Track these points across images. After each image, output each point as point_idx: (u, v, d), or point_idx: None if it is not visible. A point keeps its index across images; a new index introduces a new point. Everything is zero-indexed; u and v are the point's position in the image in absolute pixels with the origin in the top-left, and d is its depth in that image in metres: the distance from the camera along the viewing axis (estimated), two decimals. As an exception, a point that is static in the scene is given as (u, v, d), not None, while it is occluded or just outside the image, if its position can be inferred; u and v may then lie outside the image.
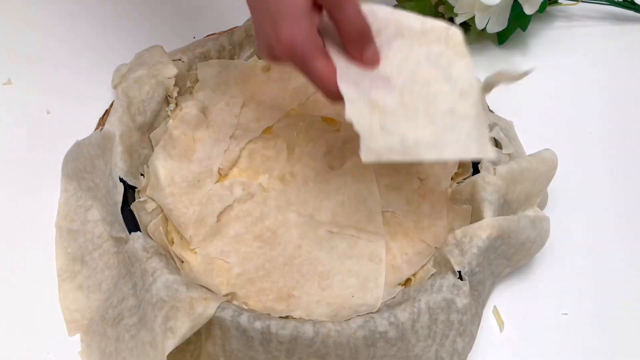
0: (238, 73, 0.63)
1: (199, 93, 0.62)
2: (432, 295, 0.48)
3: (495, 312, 0.53)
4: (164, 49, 0.62)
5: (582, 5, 0.74)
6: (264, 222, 0.55)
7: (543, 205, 0.58)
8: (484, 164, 0.55)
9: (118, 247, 0.53)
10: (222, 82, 0.62)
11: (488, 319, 0.53)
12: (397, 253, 0.54)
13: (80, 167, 0.56)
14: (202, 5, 0.73)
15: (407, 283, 0.53)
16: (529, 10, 0.66)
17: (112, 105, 0.58)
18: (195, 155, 0.58)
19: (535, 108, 0.66)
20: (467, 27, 0.70)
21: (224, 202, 0.55)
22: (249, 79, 0.63)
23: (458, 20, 0.67)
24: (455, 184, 0.56)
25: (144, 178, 0.56)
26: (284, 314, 0.50)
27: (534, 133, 0.63)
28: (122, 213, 0.52)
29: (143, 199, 0.54)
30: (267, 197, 0.56)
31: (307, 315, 0.50)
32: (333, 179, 0.57)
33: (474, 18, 0.66)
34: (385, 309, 0.48)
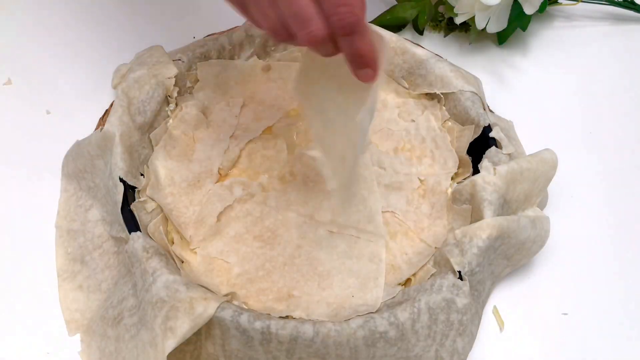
0: (238, 73, 0.63)
1: (199, 93, 0.62)
2: (432, 295, 0.48)
3: (495, 312, 0.53)
4: (164, 49, 0.62)
5: (582, 5, 0.74)
6: (264, 222, 0.55)
7: (543, 205, 0.58)
8: (484, 164, 0.55)
9: (118, 247, 0.53)
10: (222, 82, 0.62)
11: (488, 319, 0.53)
12: (397, 253, 0.54)
13: (80, 167, 0.56)
14: (202, 5, 0.73)
15: (407, 283, 0.53)
16: (529, 10, 0.66)
17: (112, 105, 0.58)
18: (195, 155, 0.58)
19: (535, 108, 0.66)
20: (467, 27, 0.70)
21: (224, 202, 0.55)
22: (249, 79, 0.63)
23: (458, 20, 0.67)
24: (455, 184, 0.56)
25: (144, 178, 0.56)
26: (284, 314, 0.50)
27: (534, 133, 0.63)
28: (122, 213, 0.52)
29: (143, 199, 0.54)
30: (267, 197, 0.56)
31: (307, 315, 0.50)
32: (333, 179, 0.57)
33: (474, 18, 0.66)
34: (385, 309, 0.48)
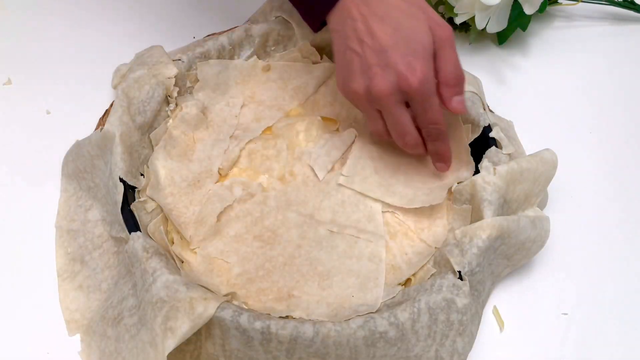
0: (238, 73, 0.63)
1: (199, 93, 0.62)
2: (432, 295, 0.48)
3: (495, 312, 0.53)
4: (164, 49, 0.62)
5: (582, 5, 0.74)
6: (264, 222, 0.55)
7: (543, 205, 0.58)
8: (484, 164, 0.55)
9: (118, 247, 0.53)
10: (222, 82, 0.62)
11: (488, 319, 0.53)
12: (397, 253, 0.54)
13: (80, 167, 0.56)
14: (202, 5, 0.73)
15: (407, 283, 0.53)
16: (529, 10, 0.66)
17: (112, 105, 0.58)
18: (195, 155, 0.58)
19: (535, 108, 0.66)
20: (467, 27, 0.70)
21: (224, 202, 0.55)
22: (249, 79, 0.63)
23: (458, 20, 0.67)
24: (456, 184, 0.56)
25: (144, 178, 0.56)
26: (284, 314, 0.50)
27: (534, 133, 0.63)
28: (122, 213, 0.52)
29: (143, 199, 0.54)
30: (267, 197, 0.56)
31: (307, 315, 0.50)
32: (333, 179, 0.57)
33: (474, 18, 0.66)
34: (385, 309, 0.48)
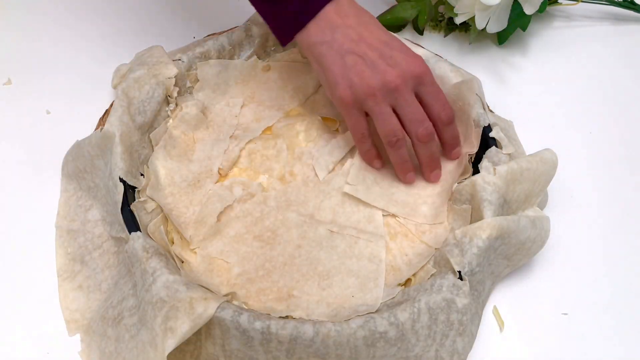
0: (238, 73, 0.63)
1: (199, 93, 0.62)
2: (432, 295, 0.48)
3: (495, 312, 0.53)
4: (164, 49, 0.62)
5: (582, 5, 0.74)
6: (264, 222, 0.55)
7: (543, 205, 0.58)
8: (484, 164, 0.55)
9: (118, 247, 0.53)
10: (222, 82, 0.62)
11: (488, 319, 0.53)
12: (397, 254, 0.54)
13: (80, 167, 0.56)
14: (202, 5, 0.73)
15: (407, 283, 0.53)
16: (529, 10, 0.66)
17: (112, 105, 0.58)
18: (195, 155, 0.58)
19: (535, 108, 0.66)
20: (467, 27, 0.70)
21: (224, 202, 0.55)
22: (249, 79, 0.63)
23: (458, 20, 0.67)
24: (456, 184, 0.56)
25: (144, 178, 0.56)
26: (284, 314, 0.50)
27: (534, 133, 0.63)
28: (122, 213, 0.52)
29: (143, 199, 0.54)
30: (267, 197, 0.56)
31: (307, 315, 0.50)
32: (333, 179, 0.57)
33: (474, 18, 0.66)
34: (385, 309, 0.48)
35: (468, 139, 0.58)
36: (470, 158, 0.57)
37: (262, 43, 0.64)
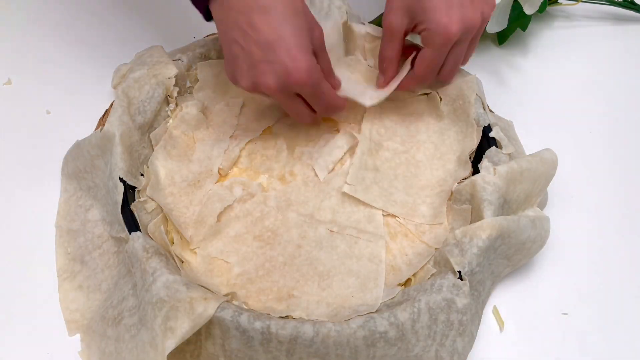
0: (238, 73, 0.63)
1: (199, 93, 0.62)
2: (432, 295, 0.48)
3: (495, 312, 0.53)
4: (164, 49, 0.62)
5: (582, 5, 0.74)
6: (264, 222, 0.55)
7: (543, 205, 0.58)
8: (484, 164, 0.55)
9: (118, 247, 0.53)
10: (222, 82, 0.62)
11: (488, 319, 0.53)
12: (397, 254, 0.54)
13: (80, 167, 0.56)
14: (202, 5, 0.72)
15: (407, 283, 0.53)
16: (529, 10, 0.66)
17: (112, 105, 0.58)
18: (195, 155, 0.58)
19: (535, 108, 0.66)
20: (467, 27, 0.70)
21: (224, 202, 0.55)
22: (249, 79, 0.63)
23: (458, 20, 0.67)
24: (456, 184, 0.56)
25: (144, 178, 0.56)
26: (284, 314, 0.50)
27: (534, 133, 0.63)
28: (122, 213, 0.52)
29: (143, 199, 0.54)
30: (267, 197, 0.56)
31: (307, 315, 0.50)
32: (333, 179, 0.57)
33: (474, 18, 0.65)
34: (385, 309, 0.48)
35: (468, 137, 0.58)
36: (471, 158, 0.57)
37: (262, 43, 0.64)
